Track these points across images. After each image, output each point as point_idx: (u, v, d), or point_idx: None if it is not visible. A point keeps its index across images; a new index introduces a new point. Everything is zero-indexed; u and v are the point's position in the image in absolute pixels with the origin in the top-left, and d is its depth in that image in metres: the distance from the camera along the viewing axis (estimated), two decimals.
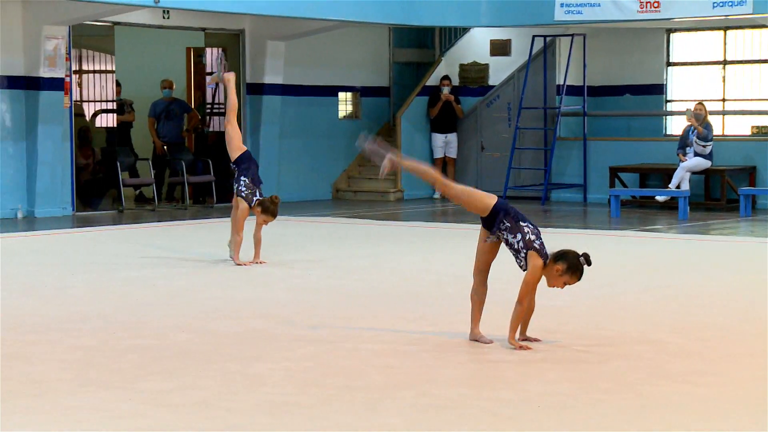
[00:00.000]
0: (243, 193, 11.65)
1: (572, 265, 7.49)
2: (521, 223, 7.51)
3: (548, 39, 20.10)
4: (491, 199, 7.57)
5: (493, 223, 7.51)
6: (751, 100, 19.58)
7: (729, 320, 8.61)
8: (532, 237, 7.50)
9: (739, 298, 9.67)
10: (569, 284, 7.57)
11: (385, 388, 6.49)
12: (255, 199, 11.63)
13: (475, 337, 7.72)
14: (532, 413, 5.98)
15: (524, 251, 7.48)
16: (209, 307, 9.15)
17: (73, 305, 9.24)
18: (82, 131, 18.51)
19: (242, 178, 11.74)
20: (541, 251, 7.50)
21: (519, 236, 7.48)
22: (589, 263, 7.55)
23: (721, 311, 9.01)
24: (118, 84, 19.49)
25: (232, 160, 11.98)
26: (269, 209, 11.54)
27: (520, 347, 7.42)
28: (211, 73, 20.78)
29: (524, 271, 7.57)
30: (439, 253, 12.69)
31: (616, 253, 12.72)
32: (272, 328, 8.26)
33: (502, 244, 7.65)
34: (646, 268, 11.47)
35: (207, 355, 7.34)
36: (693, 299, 9.59)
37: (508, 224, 7.50)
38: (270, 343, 7.70)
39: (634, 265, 11.63)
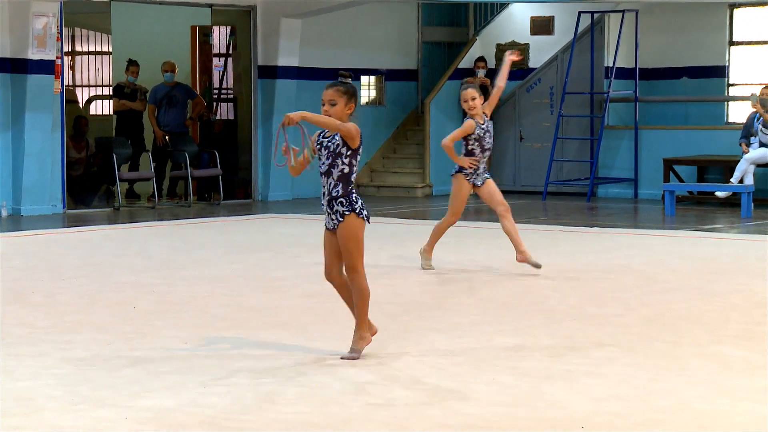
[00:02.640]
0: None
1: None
2: None
3: (596, 16, 20.09)
4: None
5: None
6: None
7: None
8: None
9: None
10: (337, 100, 7.58)
11: (411, 406, 6.50)
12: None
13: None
14: None
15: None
16: (215, 316, 9.18)
17: (64, 314, 9.27)
18: (77, 121, 18.59)
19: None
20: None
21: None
22: (344, 77, 7.66)
23: None
24: (134, 63, 19.53)
25: None
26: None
27: None
28: (219, 56, 20.85)
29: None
30: (472, 255, 12.70)
31: (672, 255, 12.71)
32: (285, 339, 8.29)
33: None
34: (704, 272, 11.44)
35: (213, 369, 7.35)
36: (758, 307, 9.55)
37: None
38: (283, 356, 7.71)
39: (691, 270, 11.60)
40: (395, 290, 10.43)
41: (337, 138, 7.57)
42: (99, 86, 22.21)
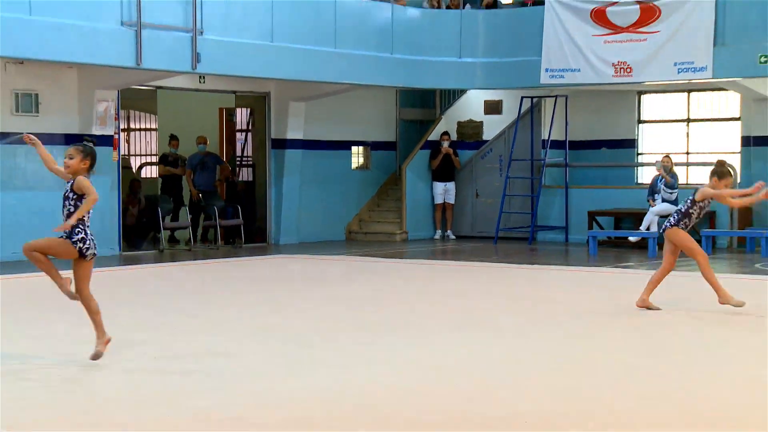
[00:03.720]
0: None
1: None
2: None
3: (535, 99, 20.23)
4: None
5: None
6: (712, 153, 19.70)
7: (690, 344, 8.65)
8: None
9: (697, 325, 9.71)
10: (74, 156, 7.66)
11: (393, 404, 6.54)
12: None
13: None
14: (520, 429, 6.03)
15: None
16: (240, 334, 9.20)
17: (121, 334, 9.29)
18: (132, 183, 18.69)
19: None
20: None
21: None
22: (87, 140, 7.84)
23: (683, 337, 9.05)
24: (175, 138, 19.63)
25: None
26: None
27: None
28: (241, 131, 20.93)
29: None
30: (440, 286, 12.74)
31: (593, 286, 12.77)
32: (294, 350, 8.33)
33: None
34: (618, 299, 11.45)
35: (239, 375, 7.39)
36: (656, 326, 9.60)
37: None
38: (294, 365, 7.74)
39: (607, 297, 11.61)
40: (380, 315, 10.44)
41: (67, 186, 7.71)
42: (148, 155, 22.30)
